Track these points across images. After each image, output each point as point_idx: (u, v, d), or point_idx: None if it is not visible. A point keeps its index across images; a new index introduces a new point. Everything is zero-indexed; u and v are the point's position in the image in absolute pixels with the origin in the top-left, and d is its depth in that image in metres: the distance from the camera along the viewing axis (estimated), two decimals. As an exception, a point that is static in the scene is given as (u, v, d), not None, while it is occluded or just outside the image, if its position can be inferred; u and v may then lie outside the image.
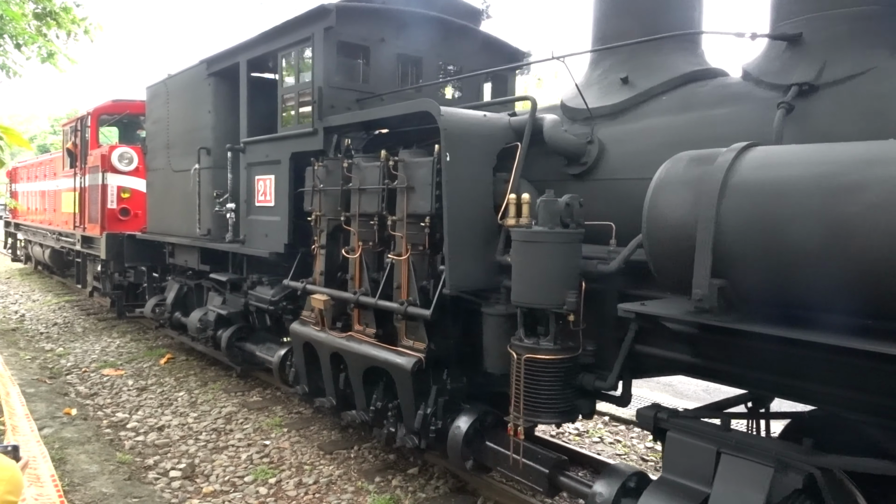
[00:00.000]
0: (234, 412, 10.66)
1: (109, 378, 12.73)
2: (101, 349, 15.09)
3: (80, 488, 7.70)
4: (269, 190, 9.97)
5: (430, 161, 7.22)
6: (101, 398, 11.51)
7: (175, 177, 13.07)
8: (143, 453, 9.05)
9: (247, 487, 8.03)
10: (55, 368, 13.47)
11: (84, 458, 8.59)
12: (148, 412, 10.73)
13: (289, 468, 8.54)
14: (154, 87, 14.26)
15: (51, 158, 24.17)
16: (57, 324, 18.14)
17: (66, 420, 10.05)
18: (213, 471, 8.52)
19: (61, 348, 15.25)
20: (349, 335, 8.32)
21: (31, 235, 26.85)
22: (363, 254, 8.22)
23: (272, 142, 9.99)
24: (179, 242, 13.02)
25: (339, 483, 8.12)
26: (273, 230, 9.88)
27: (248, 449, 9.19)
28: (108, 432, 9.77)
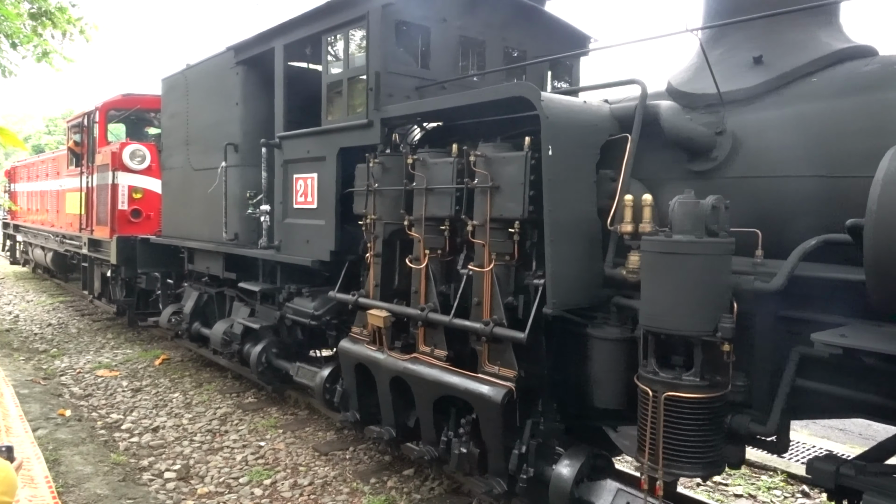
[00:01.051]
0: (229, 413, 9.96)
1: (104, 379, 11.82)
2: (96, 350, 14.10)
3: (74, 490, 7.23)
4: (311, 190, 8.26)
5: (522, 156, 5.64)
6: (95, 399, 10.71)
7: (195, 176, 11.15)
8: (137, 454, 8.44)
9: (242, 489, 7.49)
10: (49, 369, 12.55)
11: (78, 459, 8.04)
12: (142, 413, 10.02)
13: (284, 469, 7.96)
14: (171, 78, 12.19)
15: (53, 157, 21.57)
16: (51, 324, 16.92)
17: (60, 421, 9.39)
18: (207, 472, 7.95)
19: (55, 349, 14.22)
20: (413, 357, 6.68)
21: (32, 238, 24.07)
22: (430, 263, 6.59)
23: (315, 136, 8.23)
24: (201, 247, 11.08)
25: (335, 484, 7.56)
26: (316, 235, 8.16)
27: (243, 450, 8.55)
28: (102, 433, 9.11)
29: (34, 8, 15.41)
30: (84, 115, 16.84)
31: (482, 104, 6.19)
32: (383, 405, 7.11)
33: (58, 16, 15.50)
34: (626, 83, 5.80)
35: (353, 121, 7.50)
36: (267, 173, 9.04)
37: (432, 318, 6.39)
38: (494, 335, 5.79)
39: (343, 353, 7.51)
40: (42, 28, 15.50)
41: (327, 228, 7.90)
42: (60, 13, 15.56)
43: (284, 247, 8.78)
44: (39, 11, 15.38)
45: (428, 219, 6.49)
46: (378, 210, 7.08)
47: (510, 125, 6.22)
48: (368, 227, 7.20)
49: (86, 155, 16.70)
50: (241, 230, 9.77)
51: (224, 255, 10.37)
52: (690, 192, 4.73)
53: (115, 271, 15.13)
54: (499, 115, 6.31)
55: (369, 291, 7.28)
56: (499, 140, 6.03)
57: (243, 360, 10.07)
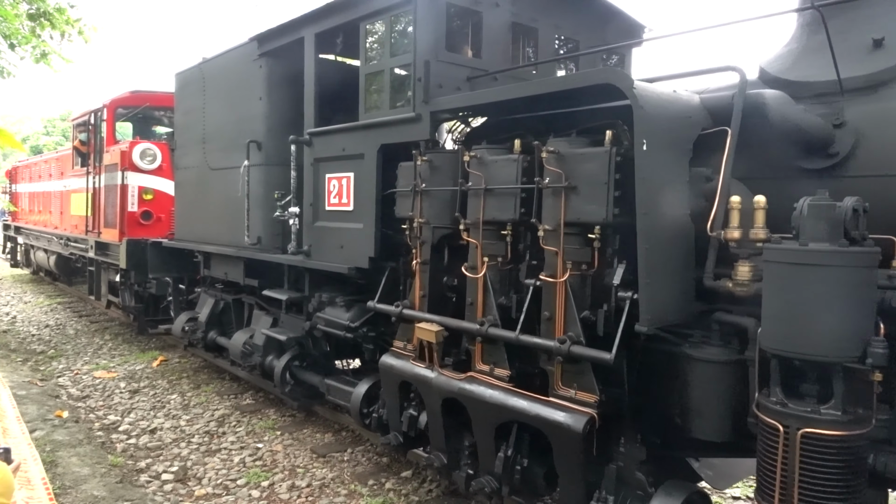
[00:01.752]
0: (226, 415, 9.48)
1: (101, 380, 11.24)
2: (93, 351, 13.42)
3: (71, 491, 6.91)
4: (347, 191, 7.20)
5: (605, 152, 4.69)
6: (92, 400, 10.20)
7: (213, 176, 10.00)
8: (135, 456, 8.06)
9: (239, 490, 7.15)
10: (46, 370, 11.95)
11: (75, 460, 7.67)
12: (140, 415, 9.53)
13: (282, 471, 7.59)
14: (186, 73, 10.92)
15: (57, 156, 19.69)
16: (49, 326, 16.04)
17: (57, 422, 8.92)
18: (205, 474, 7.57)
19: (53, 350, 13.52)
20: (470, 376, 5.68)
21: (34, 240, 21.96)
22: (488, 272, 5.59)
23: (352, 132, 7.14)
24: (219, 252, 9.87)
25: (332, 486, 7.22)
26: (352, 240, 7.10)
27: (240, 452, 8.17)
28: (99, 435, 8.70)
29: (33, 9, 14.67)
30: (91, 113, 15.39)
31: (549, 95, 5.22)
32: (433, 428, 6.11)
33: (56, 17, 14.78)
34: (721, 70, 4.82)
35: (397, 115, 6.47)
36: (296, 172, 7.90)
37: (493, 334, 5.41)
38: (572, 355, 4.82)
39: (385, 369, 6.49)
40: (40, 29, 14.77)
41: (366, 233, 6.85)
42: (59, 14, 14.84)
43: (315, 252, 7.71)
44: (38, 12, 14.64)
45: (487, 222, 5.53)
46: (425, 213, 6.09)
47: (565, 119, 5.33)
48: (414, 232, 6.20)
49: (92, 154, 15.27)
50: (264, 234, 8.68)
51: (245, 261, 9.23)
52: (824, 193, 3.80)
53: (124, 276, 13.75)
54: (562, 107, 5.38)
55: (414, 302, 6.27)
56: (575, 134, 5.06)
57: (265, 372, 9.04)
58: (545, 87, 5.26)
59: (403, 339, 6.40)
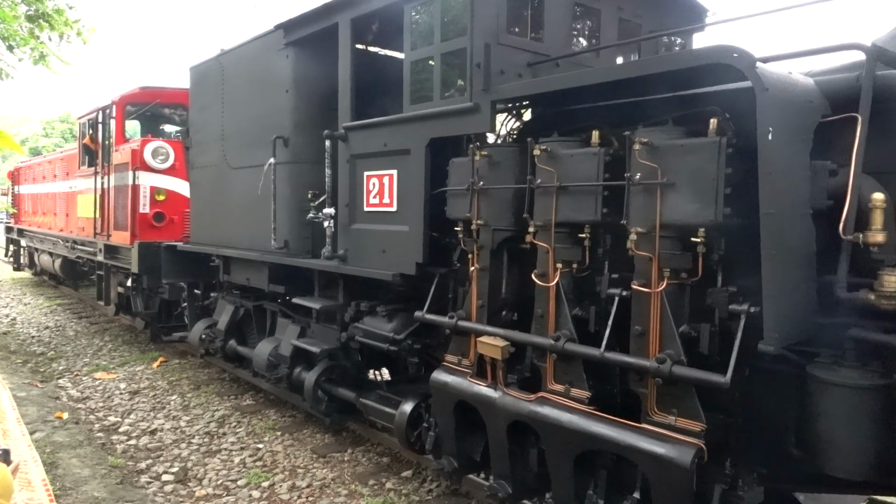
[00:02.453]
0: (227, 415, 9.00)
1: (101, 382, 10.68)
2: (93, 352, 12.69)
3: (71, 492, 6.60)
4: (389, 190, 6.22)
5: (713, 144, 3.80)
6: (92, 402, 9.70)
7: (233, 175, 8.83)
8: (135, 457, 7.67)
9: (240, 491, 6.82)
10: (46, 372, 11.36)
11: (76, 462, 7.33)
12: (140, 416, 9.05)
13: (282, 472, 7.24)
14: (202, 66, 9.71)
15: (62, 156, 18.07)
16: (49, 327, 15.16)
17: (57, 424, 8.50)
18: (205, 474, 7.21)
19: (53, 352, 12.80)
20: (541, 397, 4.75)
21: (39, 243, 20.13)
22: (562, 280, 4.67)
23: (396, 126, 6.13)
24: (241, 257, 8.68)
25: (333, 486, 6.88)
26: (396, 244, 6.12)
27: (241, 452, 7.77)
28: (100, 436, 8.28)
29: (31, 10, 13.72)
30: (98, 111, 14.04)
31: (633, 81, 4.35)
32: (496, 454, 5.17)
33: (55, 18, 13.80)
34: (843, 48, 3.86)
35: (450, 105, 5.49)
36: (331, 170, 6.83)
37: (572, 350, 4.51)
38: (674, 376, 3.93)
39: (438, 387, 5.53)
40: (39, 30, 13.79)
41: (412, 236, 5.88)
42: (58, 15, 13.86)
43: (352, 257, 6.70)
44: (36, 14, 13.68)
45: (560, 224, 4.63)
46: (484, 213, 5.17)
47: (641, 109, 4.53)
48: (471, 235, 5.28)
49: (100, 153, 13.97)
50: (292, 237, 7.60)
51: (270, 266, 8.11)
52: None
53: (135, 281, 12.47)
54: (643, 93, 4.55)
55: (471, 313, 5.33)
56: (670, 123, 4.16)
57: (292, 385, 8.04)
58: (647, 68, 4.30)
59: (457, 354, 5.47)
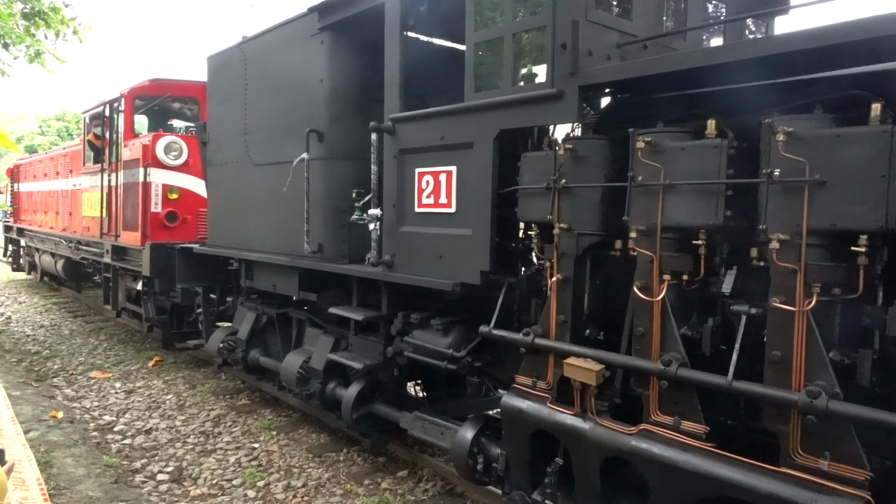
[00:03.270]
0: (222, 415, 8.45)
1: (97, 381, 10.06)
2: (89, 351, 11.89)
3: (66, 492, 6.22)
4: (446, 189, 5.12)
5: (880, 133, 2.94)
6: (88, 401, 9.14)
7: (257, 172, 7.60)
8: (130, 456, 7.25)
9: (235, 491, 6.43)
10: (41, 371, 10.68)
11: (70, 461, 6.92)
12: (135, 415, 8.52)
13: (277, 471, 6.82)
14: (221, 55, 8.41)
15: (65, 152, 16.07)
16: (44, 326, 14.19)
17: (52, 423, 7.98)
18: (200, 474, 6.80)
19: (48, 351, 12.02)
20: (643, 430, 3.82)
21: (40, 243, 18.04)
22: (669, 294, 3.74)
23: (455, 116, 5.04)
24: (266, 261, 7.48)
25: (328, 486, 6.48)
26: (455, 249, 5.06)
27: (236, 452, 7.31)
28: (94, 435, 7.80)
29: (27, 8, 13.18)
30: (106, 104, 12.46)
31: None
32: (584, 492, 4.18)
33: (51, 16, 13.26)
34: None
35: (526, 92, 4.49)
36: (378, 167, 5.71)
37: (687, 378, 3.57)
38: (830, 413, 3.01)
39: (511, 414, 4.53)
40: (35, 28, 13.26)
41: (476, 241, 4.83)
42: (54, 13, 13.31)
43: (400, 263, 5.62)
44: (32, 11, 13.12)
45: (668, 229, 3.70)
46: (567, 216, 4.21)
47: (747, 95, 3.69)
48: (553, 240, 4.31)
49: (108, 149, 12.43)
50: (326, 240, 6.50)
51: (300, 272, 7.01)
52: None
53: (146, 284, 10.96)
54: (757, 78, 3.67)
55: (549, 329, 4.36)
56: (819, 109, 3.24)
57: (326, 402, 6.98)
58: (832, 38, 3.16)
59: (531, 375, 4.49)
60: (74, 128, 54.59)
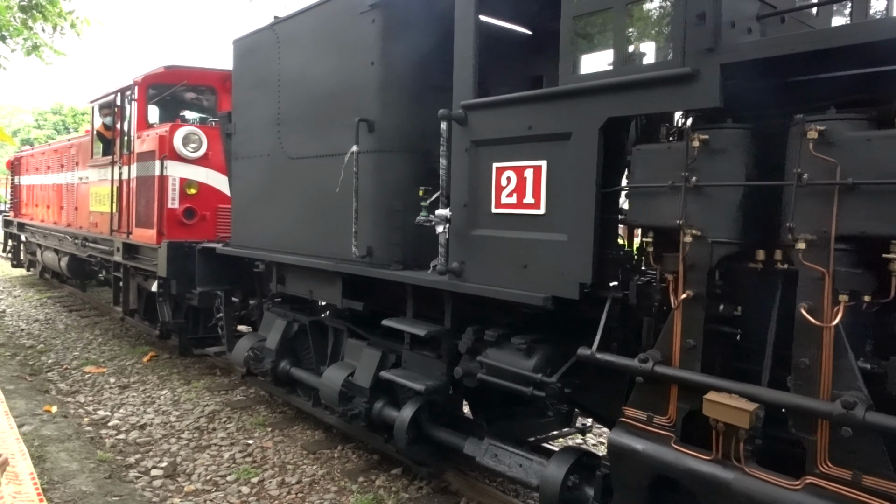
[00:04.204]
0: (217, 411, 7.94)
1: (91, 375, 9.44)
2: (83, 346, 11.14)
3: (59, 486, 5.81)
4: (534, 186, 4.08)
5: None
6: (82, 396, 8.63)
7: (292, 167, 6.42)
8: (124, 451, 6.83)
9: (229, 486, 6.02)
10: (36, 365, 10.02)
11: (64, 455, 6.55)
12: (130, 410, 8.03)
13: (272, 467, 6.43)
14: (250, 38, 7.12)
15: (70, 144, 14.16)
16: (38, 320, 13.25)
17: (46, 417, 7.63)
18: (194, 469, 6.40)
19: (42, 345, 11.26)
20: (811, 485, 2.84)
21: (42, 238, 15.98)
22: (845, 318, 2.79)
23: (547, 102, 4.03)
24: (304, 264, 6.23)
25: (322, 483, 6.09)
26: (546, 257, 4.03)
27: (230, 448, 6.90)
28: (88, 430, 7.42)
29: (25, 1, 12.58)
30: (117, 93, 10.90)
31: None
32: None
33: (49, 9, 12.73)
34: None
35: (649, 72, 3.47)
36: (447, 161, 4.58)
37: (881, 424, 2.63)
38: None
39: (624, 454, 3.51)
40: (32, 21, 12.74)
41: (574, 248, 3.83)
42: (51, 6, 12.78)
43: (471, 271, 4.53)
44: (30, 4, 12.56)
45: (846, 239, 2.78)
46: (699, 220, 3.26)
47: None
48: (679, 248, 3.35)
49: (119, 140, 10.90)
50: (376, 243, 5.40)
51: (345, 278, 5.91)
52: None
53: (162, 286, 9.54)
54: None
55: (672, 354, 3.39)
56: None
57: (372, 422, 5.93)
58: None
59: (646, 409, 3.52)
60: (71, 121, 52.35)
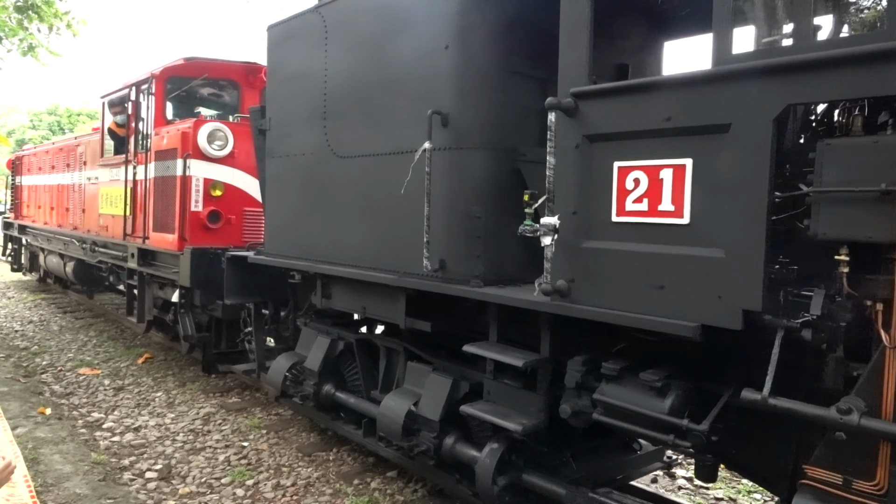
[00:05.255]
0: (212, 413, 7.79)
1: (85, 377, 9.26)
2: (78, 348, 10.92)
3: (53, 489, 5.73)
4: (675, 189, 3.32)
5: None
6: (76, 398, 8.49)
7: (341, 166, 5.53)
8: (118, 454, 6.69)
9: (224, 489, 5.88)
10: (30, 367, 9.85)
11: (58, 458, 6.47)
12: (124, 412, 7.89)
13: (267, 470, 6.30)
14: (288, 23, 6.19)
15: (76, 142, 12.95)
16: (32, 322, 12.92)
17: (40, 419, 7.51)
18: (189, 472, 6.26)
19: (36, 346, 11.02)
20: None
21: (45, 242, 14.54)
22: None
23: (695, 87, 3.21)
24: (361, 278, 5.33)
25: (317, 485, 5.98)
26: (691, 277, 3.22)
27: (225, 450, 6.76)
28: (83, 432, 7.26)
29: (20, 1, 12.43)
30: (131, 87, 9.76)
31: None
32: None
33: (44, 9, 12.60)
34: None
35: (857, 46, 2.75)
36: (556, 159, 3.76)
37: None
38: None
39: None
40: (28, 22, 12.66)
41: (735, 266, 3.08)
42: (47, 7, 12.62)
43: (580, 291, 3.70)
44: (26, 5, 12.41)
45: None
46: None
47: None
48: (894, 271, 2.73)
49: (133, 138, 9.85)
50: (451, 255, 4.53)
51: (409, 294, 5.04)
52: None
53: (184, 296, 8.54)
54: None
55: (882, 405, 2.75)
56: None
57: (442, 460, 4.98)
58: None
59: (843, 471, 2.86)
60: (66, 122, 50.85)
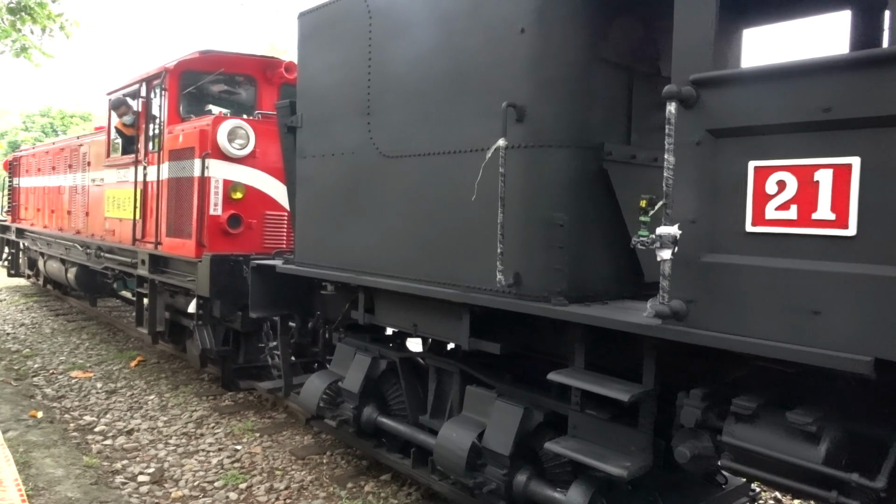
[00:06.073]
0: (205, 416, 7.64)
1: (78, 380, 9.10)
2: (70, 351, 10.74)
3: (44, 493, 5.59)
4: (834, 195, 2.64)
5: None
6: (68, 401, 8.35)
7: (389, 167, 4.80)
8: (110, 457, 6.53)
9: (217, 493, 5.75)
10: (21, 370, 9.67)
11: (49, 461, 6.29)
12: (117, 415, 7.71)
13: (260, 473, 6.15)
14: (325, 9, 5.40)
15: (78, 143, 12.01)
16: (24, 324, 12.69)
17: (31, 423, 7.32)
18: (182, 475, 6.10)
19: (28, 349, 10.78)
20: None
21: (45, 246, 13.60)
22: None
23: (862, 71, 2.52)
24: (417, 293, 4.57)
25: (311, 489, 5.84)
26: (860, 301, 2.51)
27: (218, 454, 6.59)
28: (75, 436, 7.09)
29: (13, 2, 12.39)
30: (142, 82, 8.87)
31: None
32: None
33: (38, 11, 12.61)
34: None
35: None
36: (675, 158, 2.94)
37: None
38: None
39: None
40: (21, 23, 12.61)
41: None
42: (40, 8, 12.63)
43: (702, 313, 2.99)
44: (18, 6, 12.37)
45: None
46: None
47: None
48: None
49: (143, 137, 8.96)
50: (527, 268, 3.80)
51: (475, 312, 4.35)
52: None
53: (203, 307, 7.77)
54: None
55: None
56: None
57: (513, 501, 4.28)
58: None
59: None
60: (59, 124, 49.73)
